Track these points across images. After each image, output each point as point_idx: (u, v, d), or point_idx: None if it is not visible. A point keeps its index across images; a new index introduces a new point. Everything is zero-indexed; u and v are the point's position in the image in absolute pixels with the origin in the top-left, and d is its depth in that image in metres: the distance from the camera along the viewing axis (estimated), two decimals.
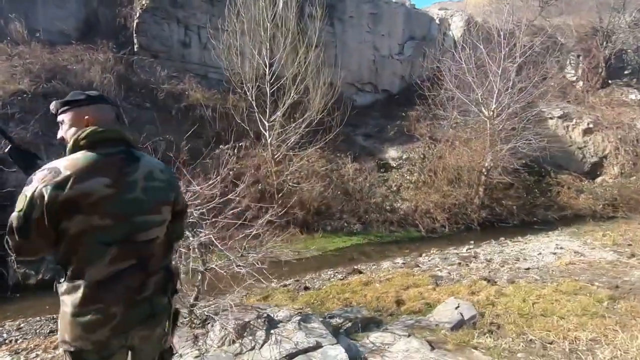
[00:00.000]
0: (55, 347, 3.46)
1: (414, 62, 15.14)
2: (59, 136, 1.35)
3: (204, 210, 3.56)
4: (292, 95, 8.78)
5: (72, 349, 1.24)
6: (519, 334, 3.45)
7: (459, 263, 6.20)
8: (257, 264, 3.25)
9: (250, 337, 2.90)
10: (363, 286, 5.12)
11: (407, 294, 4.64)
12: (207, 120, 9.89)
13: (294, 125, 8.91)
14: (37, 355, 3.18)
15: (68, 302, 1.22)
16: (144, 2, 11.11)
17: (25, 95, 7.91)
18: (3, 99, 7.72)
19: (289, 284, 5.44)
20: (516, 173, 10.97)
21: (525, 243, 7.66)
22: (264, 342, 2.85)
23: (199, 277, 3.45)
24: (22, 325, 4.13)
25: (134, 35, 10.99)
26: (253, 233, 3.37)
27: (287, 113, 9.02)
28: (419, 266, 6.18)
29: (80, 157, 1.23)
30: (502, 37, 10.19)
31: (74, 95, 1.35)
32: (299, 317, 3.19)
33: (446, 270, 5.79)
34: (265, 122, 8.82)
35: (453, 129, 11.34)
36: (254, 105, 8.88)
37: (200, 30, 11.62)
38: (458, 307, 3.96)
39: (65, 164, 1.21)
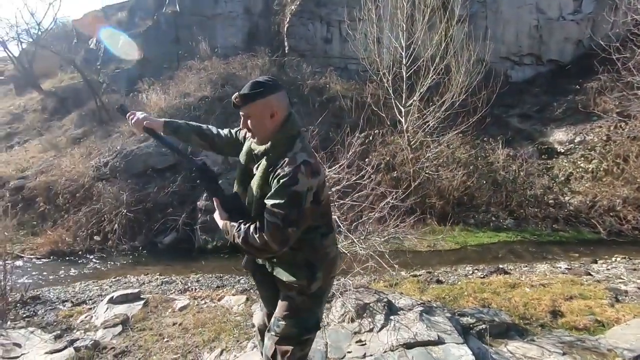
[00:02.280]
0: (220, 299, 4.28)
1: (597, 21, 11.92)
2: (243, 128, 1.54)
3: (331, 192, 3.72)
4: (430, 76, 8.20)
5: (332, 280, 1.70)
6: None
7: None
8: (380, 247, 3.20)
9: (370, 319, 2.88)
10: (508, 288, 4.41)
11: (569, 305, 3.76)
12: (345, 110, 10.30)
13: (432, 108, 8.33)
14: (205, 303, 3.99)
15: (332, 247, 1.63)
16: (292, 7, 12.31)
17: (207, 99, 9.96)
18: (193, 104, 9.92)
19: (420, 275, 5.17)
20: None
21: None
22: (383, 326, 2.80)
23: None
24: (200, 278, 5.27)
25: (285, 38, 12.33)
26: (376, 216, 3.32)
27: (425, 96, 8.50)
28: (590, 274, 4.92)
29: (307, 145, 1.50)
30: None
31: (255, 86, 1.43)
32: (421, 308, 2.99)
33: (634, 285, 4.41)
34: (402, 108, 8.55)
35: None
36: (390, 91, 8.71)
37: (340, 24, 12.11)
38: None
39: (307, 155, 1.44)
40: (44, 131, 12.31)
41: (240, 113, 1.50)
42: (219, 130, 1.87)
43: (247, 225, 1.43)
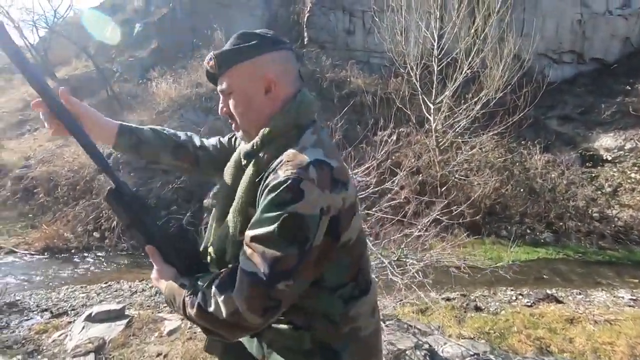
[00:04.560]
0: None
1: None
2: (222, 111, 0.93)
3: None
4: (464, 71, 7.38)
5: None
6: None
7: None
8: (418, 275, 2.49)
9: None
10: (565, 324, 3.64)
11: None
12: (366, 106, 9.57)
13: (465, 107, 7.51)
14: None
15: (366, 319, 0.91)
16: None
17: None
18: (206, 94, 9.36)
19: (453, 299, 4.42)
20: None
21: None
22: None
23: None
24: None
25: (305, 29, 11.65)
26: (415, 234, 2.60)
27: (456, 93, 7.68)
28: None
29: (326, 140, 0.87)
30: None
31: (242, 40, 0.86)
32: None
33: None
34: (430, 105, 7.75)
35: None
36: (418, 86, 7.92)
37: (364, 15, 11.37)
38: None
39: (323, 153, 0.81)
40: None
41: (218, 89, 0.90)
42: (204, 140, 1.17)
43: (205, 283, 0.79)
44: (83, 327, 3.12)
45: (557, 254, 6.68)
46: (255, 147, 0.87)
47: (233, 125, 0.93)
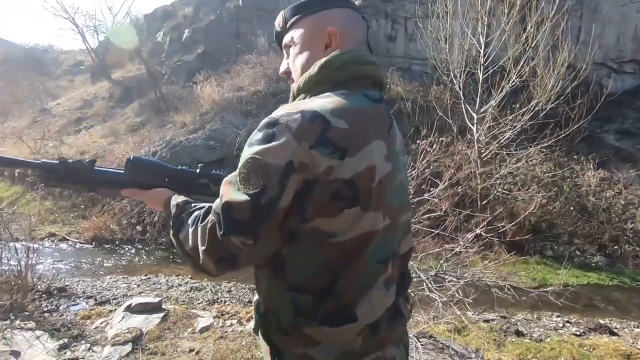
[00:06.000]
0: (249, 319, 3.68)
1: None
2: (282, 70, 0.89)
3: None
4: (512, 80, 7.02)
5: None
6: None
7: None
8: (458, 293, 2.36)
9: None
10: (621, 358, 3.31)
11: None
12: (406, 113, 9.38)
13: (511, 117, 7.13)
14: (231, 325, 3.39)
15: (324, 353, 0.72)
16: (357, 2, 11.62)
17: (260, 94, 9.63)
18: (246, 98, 9.63)
19: (492, 320, 4.17)
20: None
21: None
22: None
23: None
24: (232, 288, 4.74)
25: None
26: (455, 250, 2.47)
27: (502, 103, 7.32)
28: None
29: (348, 99, 0.71)
30: None
31: None
32: None
33: None
34: (474, 114, 7.43)
35: None
36: (461, 94, 7.64)
37: (407, 21, 11.21)
38: None
39: (332, 108, 0.67)
40: (107, 118, 12.87)
41: (282, 45, 0.88)
42: None
43: (188, 211, 0.80)
44: (123, 317, 3.27)
45: (611, 281, 6.12)
46: (290, 98, 0.84)
47: (289, 81, 0.87)
